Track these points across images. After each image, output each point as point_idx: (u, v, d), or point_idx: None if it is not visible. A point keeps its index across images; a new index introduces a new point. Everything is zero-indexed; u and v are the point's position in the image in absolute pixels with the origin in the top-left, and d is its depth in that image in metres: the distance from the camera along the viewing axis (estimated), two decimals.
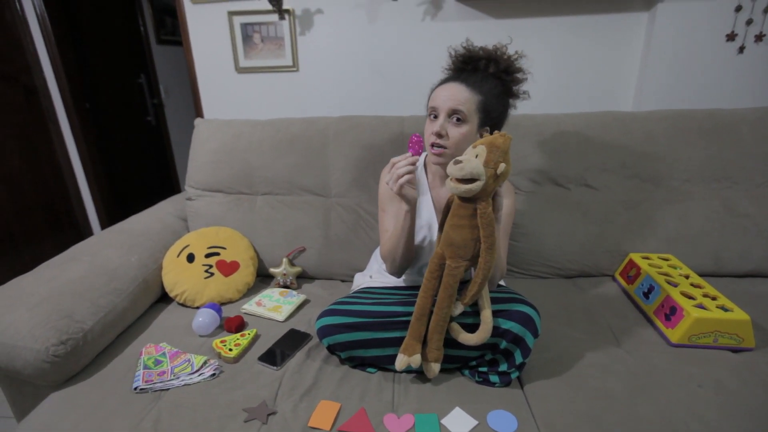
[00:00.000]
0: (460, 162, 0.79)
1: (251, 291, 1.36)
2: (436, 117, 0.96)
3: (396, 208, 1.08)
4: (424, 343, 0.94)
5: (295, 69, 2.09)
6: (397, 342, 0.96)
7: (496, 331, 0.91)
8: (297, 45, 2.05)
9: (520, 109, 1.06)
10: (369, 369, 1.01)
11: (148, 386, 0.93)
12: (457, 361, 0.98)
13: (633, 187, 1.38)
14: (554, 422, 0.84)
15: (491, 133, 0.97)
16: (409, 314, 0.96)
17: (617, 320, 1.15)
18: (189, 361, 1.01)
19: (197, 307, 1.26)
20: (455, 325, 0.93)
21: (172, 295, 1.27)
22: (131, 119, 2.85)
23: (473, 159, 0.79)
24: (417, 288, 1.11)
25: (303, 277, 1.44)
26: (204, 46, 2.07)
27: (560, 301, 1.25)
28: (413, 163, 0.87)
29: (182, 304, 1.28)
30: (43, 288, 1.03)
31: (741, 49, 1.84)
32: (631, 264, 1.30)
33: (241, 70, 2.10)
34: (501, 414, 0.85)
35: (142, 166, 2.98)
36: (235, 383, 0.96)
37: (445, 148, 0.95)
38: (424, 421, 0.84)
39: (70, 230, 2.48)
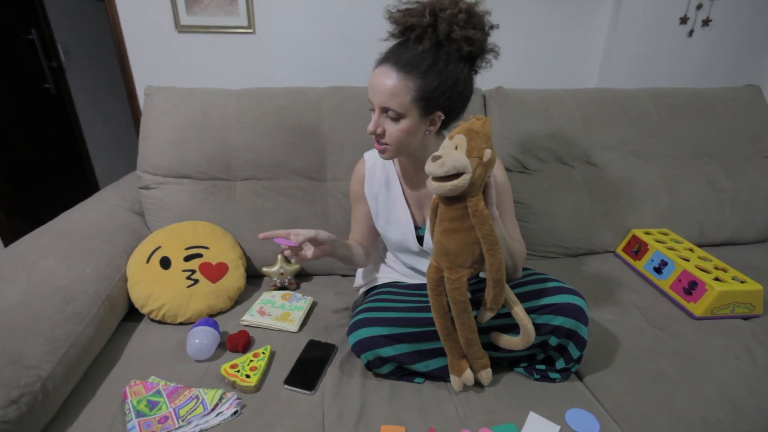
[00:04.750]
0: (439, 157, 0.67)
1: (242, 297, 1.14)
2: (372, 110, 0.81)
3: (361, 210, 1.04)
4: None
5: (250, 30, 1.79)
6: (440, 353, 0.85)
7: (546, 329, 0.83)
8: (253, 1, 1.75)
9: (504, 81, 0.91)
10: (417, 379, 0.89)
11: None
12: (506, 360, 0.90)
13: (630, 164, 1.40)
14: (630, 414, 0.81)
15: (447, 118, 0.82)
16: None
17: (637, 297, 1.17)
18: (197, 398, 0.79)
19: (180, 324, 1.01)
20: (495, 333, 0.85)
21: (144, 311, 1.00)
22: (24, 86, 2.26)
23: (453, 151, 0.68)
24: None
25: (299, 275, 1.25)
26: None
27: (577, 282, 1.23)
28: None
29: (158, 321, 1.02)
30: None
31: (690, 33, 1.98)
32: (635, 240, 1.33)
33: (182, 28, 1.75)
34: (578, 414, 0.80)
35: (41, 143, 2.41)
36: (266, 420, 0.77)
37: (387, 144, 0.82)
38: None
39: None
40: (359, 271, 1.15)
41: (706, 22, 1.96)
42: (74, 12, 2.56)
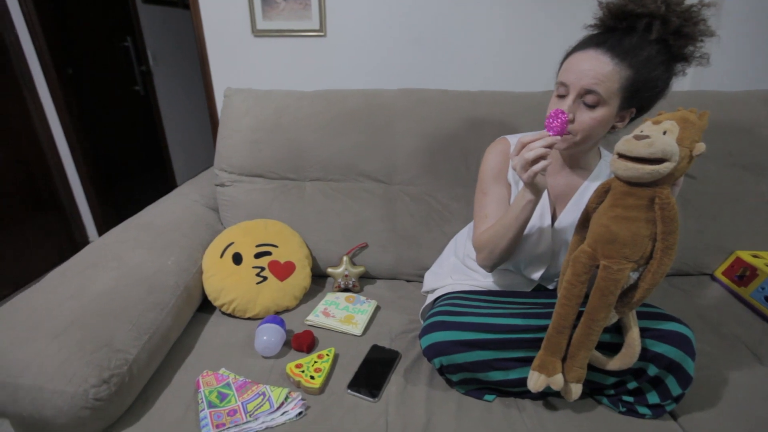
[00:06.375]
0: (647, 137, 0.61)
1: (307, 296, 1.14)
2: (564, 95, 0.76)
3: (501, 192, 0.90)
4: (563, 359, 0.77)
5: (322, 34, 1.82)
6: (523, 362, 0.79)
7: (644, 355, 0.74)
8: (325, 6, 1.78)
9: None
10: (487, 396, 0.83)
11: None
12: (588, 385, 0.82)
13: (734, 178, 1.23)
14: None
15: (636, 116, 0.80)
16: (536, 329, 0.79)
17: (742, 329, 1.02)
18: (264, 394, 0.80)
19: (248, 318, 1.04)
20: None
21: (217, 304, 1.04)
22: (118, 88, 2.49)
23: (663, 136, 0.62)
24: (517, 294, 0.94)
25: (362, 278, 1.24)
26: (214, 3, 1.76)
27: (668, 305, 1.08)
28: (551, 146, 0.69)
29: (228, 314, 1.06)
30: (66, 306, 0.79)
31: None
32: (740, 263, 1.16)
33: (258, 33, 1.82)
34: None
35: (129, 140, 2.64)
36: (330, 424, 0.76)
37: (570, 133, 0.76)
38: None
39: (53, 211, 2.15)
40: (429, 275, 1.11)
41: None
42: (163, 20, 2.78)
